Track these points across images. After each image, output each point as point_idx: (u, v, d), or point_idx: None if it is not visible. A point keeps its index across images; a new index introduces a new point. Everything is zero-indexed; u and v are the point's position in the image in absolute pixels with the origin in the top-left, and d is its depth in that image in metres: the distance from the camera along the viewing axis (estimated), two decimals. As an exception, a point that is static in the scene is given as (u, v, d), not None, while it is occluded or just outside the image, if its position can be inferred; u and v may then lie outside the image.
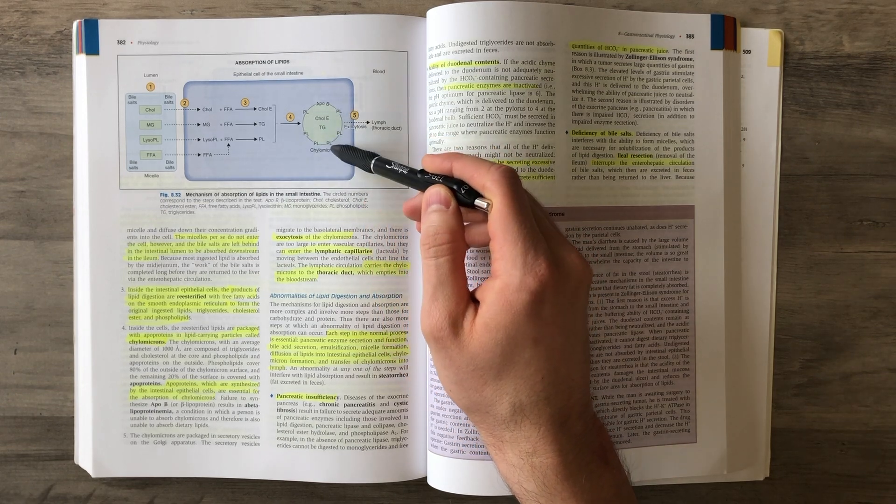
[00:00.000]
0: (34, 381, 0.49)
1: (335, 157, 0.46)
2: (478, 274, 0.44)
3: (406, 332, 0.47)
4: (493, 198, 0.37)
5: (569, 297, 0.37)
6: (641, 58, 0.47)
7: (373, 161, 0.44)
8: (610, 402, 0.47)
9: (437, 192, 0.39)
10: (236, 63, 0.47)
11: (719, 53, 0.47)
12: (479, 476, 0.45)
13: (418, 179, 0.41)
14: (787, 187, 0.48)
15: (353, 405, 0.47)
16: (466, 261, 0.44)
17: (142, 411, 0.47)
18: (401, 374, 0.47)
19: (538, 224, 0.37)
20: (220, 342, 0.47)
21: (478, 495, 0.45)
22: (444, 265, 0.37)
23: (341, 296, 0.47)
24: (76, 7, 0.48)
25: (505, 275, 0.36)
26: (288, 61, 0.47)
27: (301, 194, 0.47)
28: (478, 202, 0.38)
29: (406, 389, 0.47)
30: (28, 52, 0.48)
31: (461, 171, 0.39)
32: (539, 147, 0.45)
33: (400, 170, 0.42)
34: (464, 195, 0.38)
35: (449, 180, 0.39)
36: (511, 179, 0.37)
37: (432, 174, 0.40)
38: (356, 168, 0.46)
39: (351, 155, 0.46)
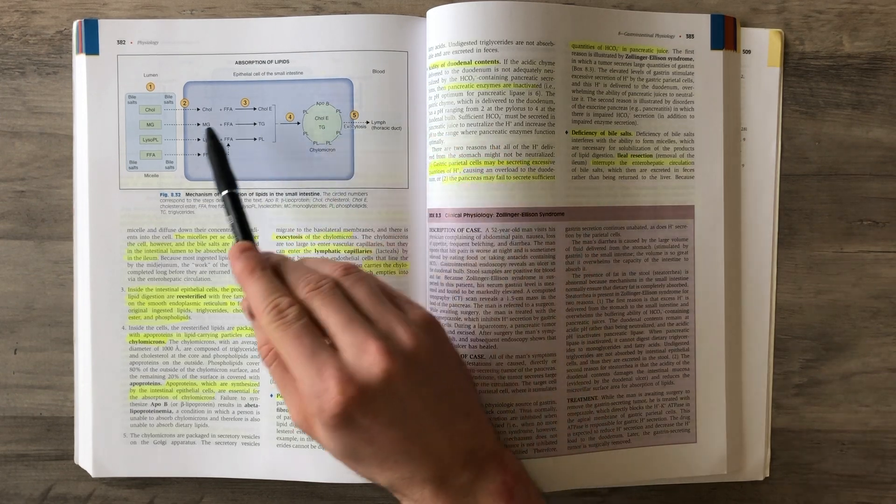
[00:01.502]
0: (34, 381, 0.49)
1: (335, 157, 0.46)
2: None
3: (406, 332, 0.47)
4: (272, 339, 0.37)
5: (382, 400, 0.36)
6: (641, 58, 0.47)
7: (224, 192, 0.43)
8: (610, 402, 0.47)
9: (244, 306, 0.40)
10: (236, 63, 0.47)
11: (719, 53, 0.47)
12: (479, 476, 0.45)
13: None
14: (787, 187, 0.48)
15: (353, 405, 0.47)
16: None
17: (142, 411, 0.47)
18: (401, 374, 0.47)
19: (332, 329, 0.36)
20: (220, 342, 0.47)
21: (478, 495, 0.45)
22: (277, 370, 0.38)
23: (341, 296, 0.46)
24: (76, 7, 0.48)
25: (309, 405, 0.36)
26: (288, 61, 0.47)
27: (301, 194, 0.47)
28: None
29: (406, 389, 0.47)
30: (28, 52, 0.48)
31: (247, 298, 0.39)
32: (539, 147, 0.45)
33: (233, 234, 0.42)
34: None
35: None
36: (275, 324, 0.36)
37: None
38: (356, 168, 0.46)
39: (216, 157, 0.44)
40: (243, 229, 0.42)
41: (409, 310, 0.38)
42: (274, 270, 0.39)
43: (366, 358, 0.35)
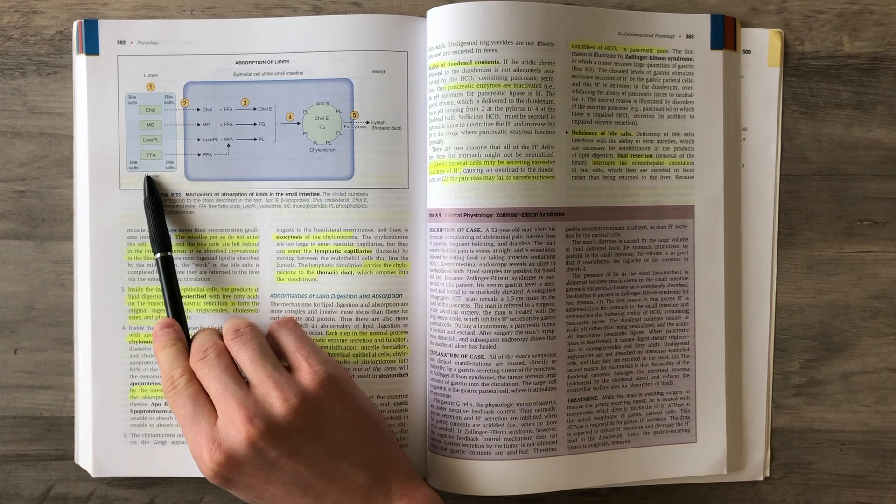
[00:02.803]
0: (34, 381, 0.49)
1: (335, 157, 0.46)
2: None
3: (406, 333, 0.47)
4: None
5: (253, 464, 0.39)
6: (641, 58, 0.47)
7: (159, 255, 0.45)
8: (610, 402, 0.47)
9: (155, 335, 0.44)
10: (236, 63, 0.47)
11: (719, 53, 0.47)
12: (479, 476, 0.45)
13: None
14: (787, 187, 0.48)
15: (353, 405, 0.47)
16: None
17: (142, 411, 0.47)
18: (401, 374, 0.47)
19: (216, 393, 0.40)
20: (220, 342, 0.47)
21: (478, 495, 0.45)
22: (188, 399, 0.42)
23: (341, 296, 0.47)
24: (76, 7, 0.48)
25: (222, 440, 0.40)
26: (288, 61, 0.47)
27: (301, 194, 0.47)
28: None
29: (406, 389, 0.47)
30: (28, 52, 0.48)
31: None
32: (539, 147, 0.45)
33: (163, 294, 0.45)
34: None
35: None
36: (167, 396, 0.41)
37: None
38: (356, 168, 0.46)
39: (152, 217, 0.46)
40: (172, 299, 0.44)
41: (303, 368, 0.41)
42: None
43: (232, 426, 0.39)
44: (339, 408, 0.41)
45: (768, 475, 0.49)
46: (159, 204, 0.46)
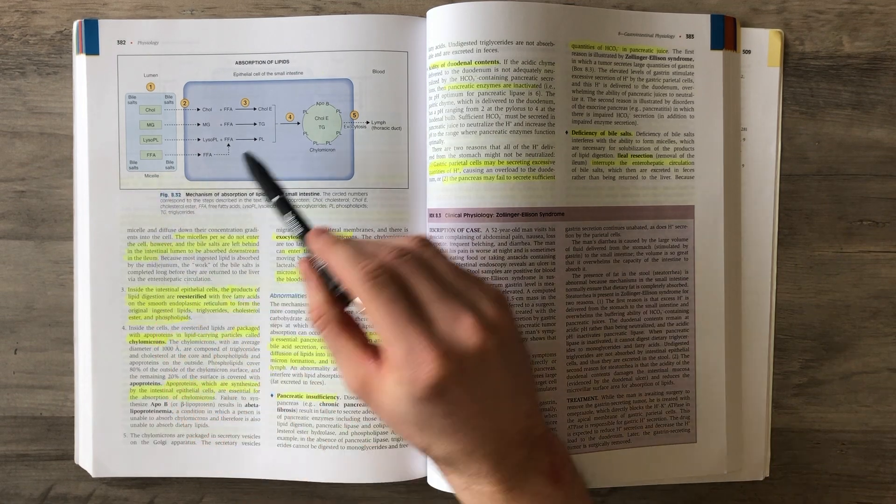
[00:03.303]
0: (34, 381, 0.49)
1: (335, 157, 0.46)
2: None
3: (406, 332, 0.47)
4: (365, 306, 0.36)
5: (473, 373, 0.36)
6: (641, 58, 0.47)
7: (275, 198, 0.42)
8: (610, 402, 0.47)
9: (300, 266, 0.39)
10: (236, 63, 0.47)
11: (719, 53, 0.47)
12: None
13: (304, 248, 0.40)
14: (787, 187, 0.48)
15: (354, 405, 0.47)
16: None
17: (142, 411, 0.47)
18: (401, 374, 0.47)
19: (424, 299, 0.36)
20: (221, 342, 0.47)
21: (478, 495, 0.45)
22: (329, 336, 0.38)
23: (341, 296, 0.47)
24: (76, 7, 0.48)
25: (398, 371, 0.35)
26: (288, 61, 0.47)
27: (301, 194, 0.47)
28: (350, 308, 0.38)
29: (406, 389, 0.47)
30: (28, 52, 0.48)
31: (332, 270, 0.38)
32: (539, 147, 0.45)
33: (292, 230, 0.41)
34: (338, 298, 0.38)
35: (328, 274, 0.39)
36: (369, 283, 0.35)
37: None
38: (356, 168, 0.46)
39: (258, 174, 0.43)
40: (304, 222, 0.41)
41: (483, 285, 0.38)
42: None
43: (460, 331, 0.35)
44: (517, 326, 0.39)
45: (768, 475, 0.49)
46: (261, 165, 0.43)
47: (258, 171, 0.43)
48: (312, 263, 0.39)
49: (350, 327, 0.38)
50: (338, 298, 0.38)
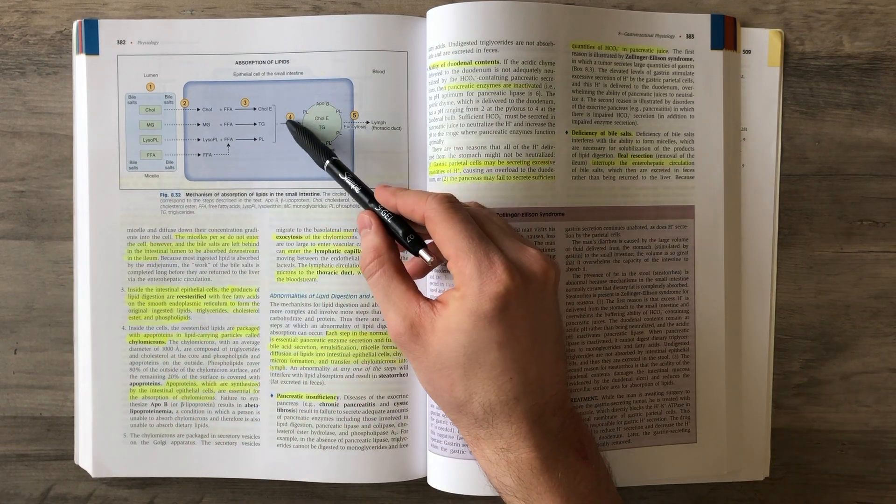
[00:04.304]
0: (34, 381, 0.49)
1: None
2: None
3: (406, 332, 0.47)
4: (435, 227, 0.38)
5: (534, 299, 0.37)
6: (641, 58, 0.47)
7: (328, 160, 0.44)
8: (610, 402, 0.47)
9: (361, 217, 0.41)
10: (236, 63, 0.47)
11: (719, 53, 0.47)
12: (479, 476, 0.44)
13: (366, 204, 0.41)
14: (787, 187, 0.48)
15: (353, 405, 0.47)
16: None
17: (142, 411, 0.47)
18: (401, 374, 0.47)
19: (491, 233, 0.38)
20: (220, 342, 0.47)
21: (478, 495, 0.45)
22: (381, 279, 0.39)
23: (341, 296, 0.47)
24: (76, 7, 0.48)
25: (464, 286, 0.36)
26: (288, 61, 0.47)
27: (301, 194, 0.47)
28: (422, 253, 0.39)
29: (406, 389, 0.47)
30: (28, 52, 0.48)
31: (403, 207, 0.39)
32: (539, 147, 0.45)
33: (353, 186, 0.42)
34: (410, 244, 0.40)
35: (398, 220, 0.40)
36: (447, 204, 0.38)
37: (384, 208, 0.41)
38: (355, 168, 0.46)
39: (306, 141, 0.45)
40: (360, 180, 0.43)
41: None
42: None
43: (527, 258, 0.38)
44: None
45: (768, 475, 0.49)
46: (307, 130, 0.45)
47: (307, 136, 0.44)
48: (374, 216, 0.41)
49: (402, 273, 0.39)
50: (410, 244, 0.40)
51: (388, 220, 0.40)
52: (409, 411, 0.47)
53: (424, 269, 0.43)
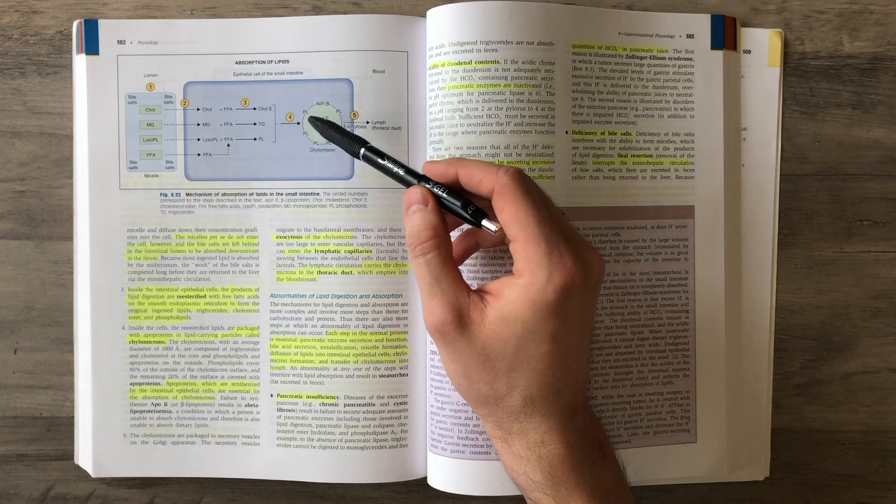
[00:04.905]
0: (34, 381, 0.49)
1: (335, 157, 0.46)
2: (478, 274, 0.44)
3: (406, 332, 0.47)
4: (506, 203, 0.36)
5: (589, 295, 0.37)
6: (641, 58, 0.47)
7: (363, 149, 0.42)
8: (610, 402, 0.47)
9: (414, 192, 0.39)
10: (236, 63, 0.47)
11: (719, 53, 0.47)
12: (479, 476, 0.45)
13: (415, 184, 0.40)
14: (787, 187, 0.48)
15: (353, 405, 0.47)
16: (470, 262, 0.44)
17: (142, 411, 0.47)
18: (401, 374, 0.47)
19: (556, 219, 0.38)
20: (220, 342, 0.47)
21: (478, 495, 0.45)
22: (434, 261, 0.37)
23: (341, 296, 0.47)
24: (76, 7, 0.48)
25: (529, 273, 0.35)
26: (288, 61, 0.47)
27: (301, 194, 0.47)
28: (485, 224, 0.37)
29: (406, 389, 0.47)
30: (28, 52, 0.48)
31: (467, 178, 0.38)
32: (539, 147, 0.45)
33: (395, 168, 0.41)
34: (471, 215, 0.38)
35: (453, 194, 0.38)
36: (521, 181, 0.37)
37: (435, 182, 0.39)
38: (356, 168, 0.46)
39: (334, 134, 0.43)
40: (402, 162, 0.41)
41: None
42: None
43: (589, 253, 0.37)
44: None
45: (768, 475, 0.49)
46: (333, 123, 0.44)
47: (334, 129, 0.43)
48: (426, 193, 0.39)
49: (453, 260, 0.38)
50: (471, 215, 0.38)
51: (444, 195, 0.38)
52: (409, 411, 0.47)
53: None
